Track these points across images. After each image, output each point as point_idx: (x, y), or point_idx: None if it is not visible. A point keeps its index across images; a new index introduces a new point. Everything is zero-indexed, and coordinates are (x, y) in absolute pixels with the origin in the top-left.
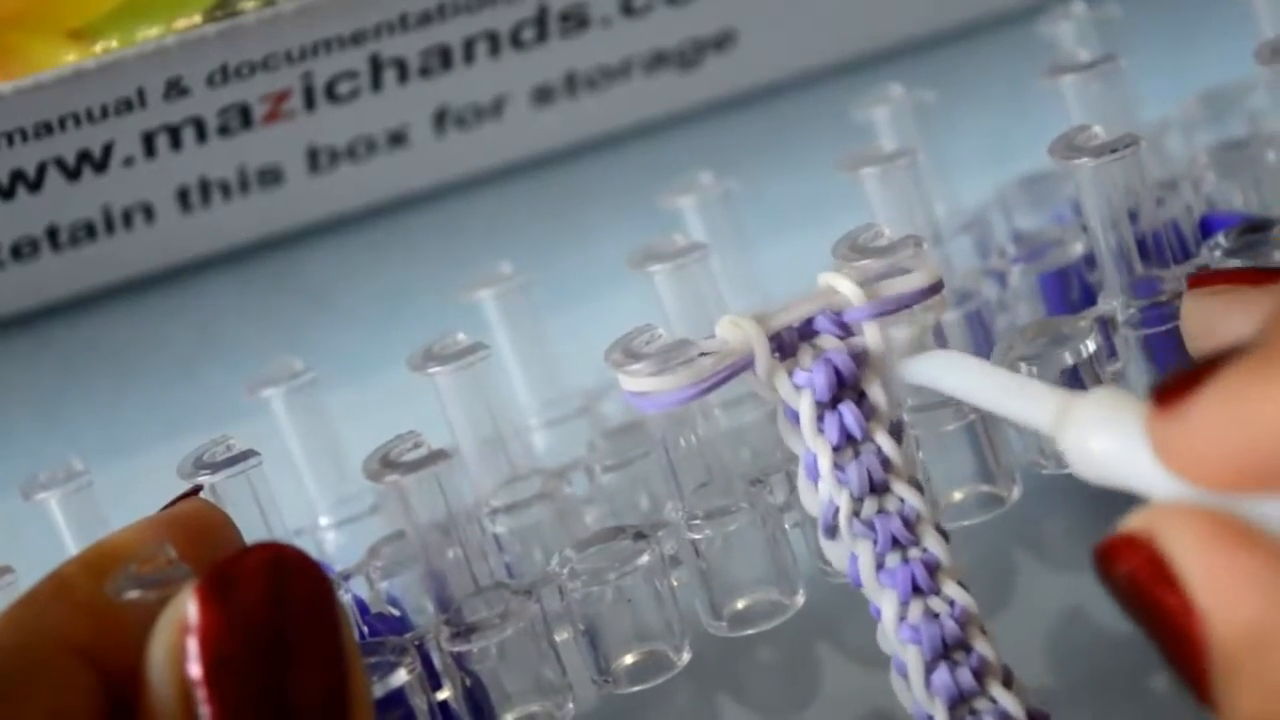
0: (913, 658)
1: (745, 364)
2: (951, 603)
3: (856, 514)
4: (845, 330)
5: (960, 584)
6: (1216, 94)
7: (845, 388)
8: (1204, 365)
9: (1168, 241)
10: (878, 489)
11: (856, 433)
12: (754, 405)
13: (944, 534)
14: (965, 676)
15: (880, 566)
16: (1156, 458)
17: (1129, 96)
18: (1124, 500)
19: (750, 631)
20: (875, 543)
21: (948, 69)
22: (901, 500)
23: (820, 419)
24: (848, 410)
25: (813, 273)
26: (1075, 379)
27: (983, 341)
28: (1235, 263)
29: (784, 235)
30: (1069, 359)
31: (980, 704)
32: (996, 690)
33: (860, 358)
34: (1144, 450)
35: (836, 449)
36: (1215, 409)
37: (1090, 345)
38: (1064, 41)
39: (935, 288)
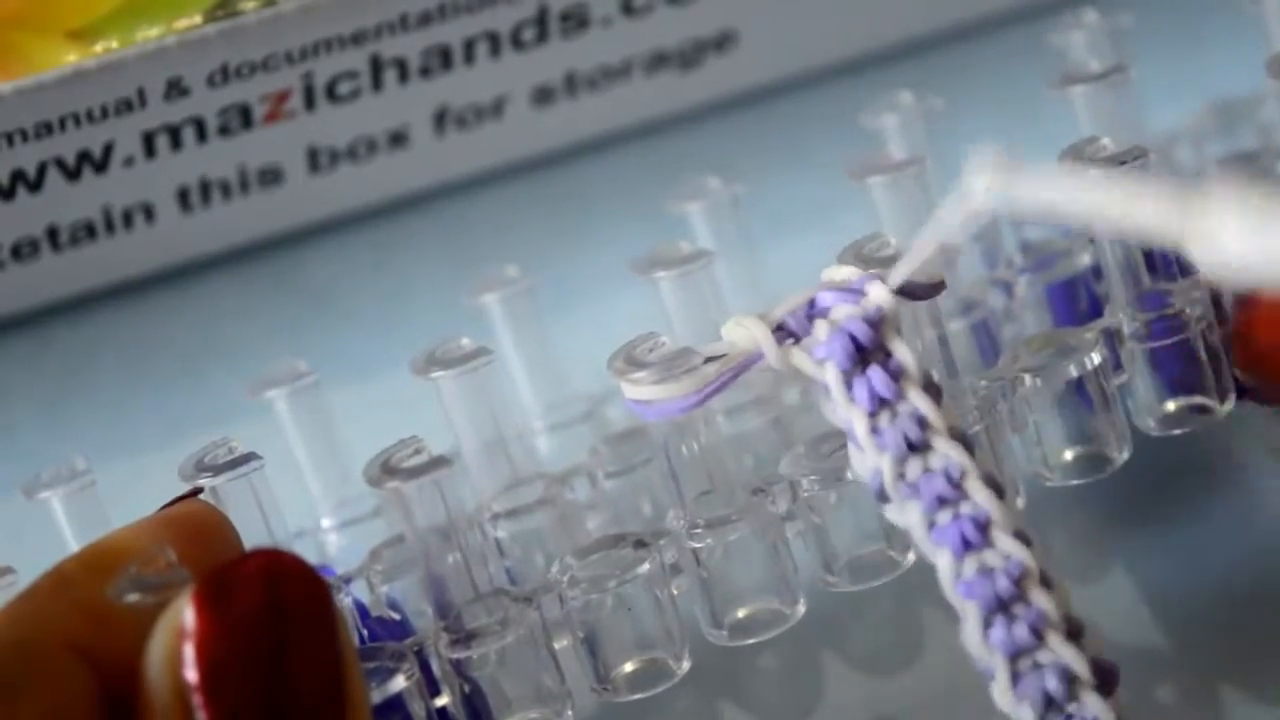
0: (970, 613)
1: (751, 361)
2: (1007, 557)
3: (901, 476)
4: (852, 299)
5: (1018, 537)
6: (1227, 105)
7: (869, 351)
8: None
9: (1175, 254)
10: (918, 448)
11: (888, 394)
12: (757, 412)
13: (996, 487)
14: (1022, 631)
15: (932, 525)
16: None
17: (1139, 107)
18: (1128, 510)
19: (750, 641)
20: (923, 503)
21: (953, 70)
22: (945, 457)
23: (850, 386)
24: (876, 374)
25: (816, 276)
26: (1081, 392)
27: (989, 351)
28: None
29: (786, 237)
30: (1074, 371)
31: (1042, 656)
32: (1057, 643)
33: (877, 320)
34: None
35: (872, 414)
36: None
37: (1095, 358)
38: (1075, 50)
39: (937, 287)
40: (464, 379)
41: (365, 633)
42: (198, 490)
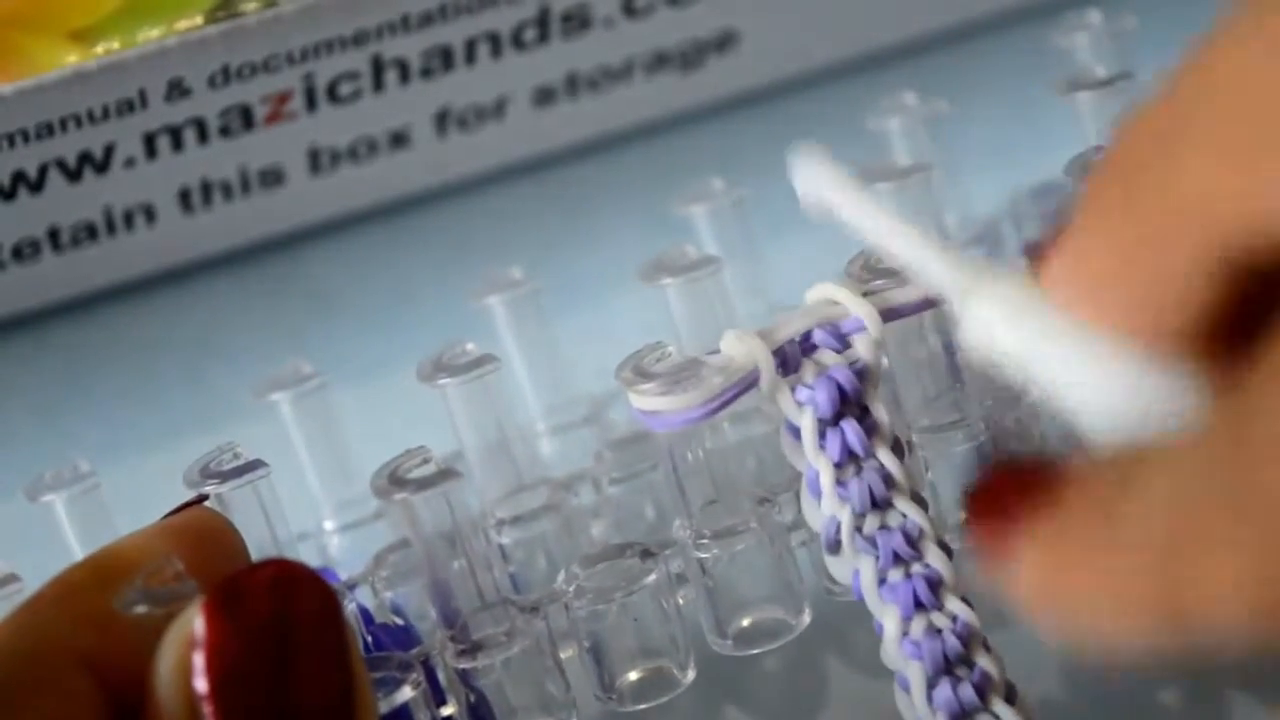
0: (915, 673)
1: (753, 380)
2: (954, 618)
3: (859, 530)
4: (844, 343)
5: (964, 599)
6: None
7: (848, 404)
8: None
9: None
10: (880, 505)
11: (859, 449)
12: (762, 420)
13: (947, 550)
14: (967, 692)
15: (882, 582)
16: (1054, 304)
17: None
18: None
19: (756, 651)
20: (877, 559)
21: (954, 70)
22: (904, 516)
23: (822, 436)
24: (849, 427)
25: (817, 277)
26: None
27: None
28: None
29: (789, 239)
30: None
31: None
32: (999, 706)
33: (863, 373)
34: (1049, 335)
35: (839, 465)
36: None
37: None
38: (1079, 51)
39: (926, 303)
40: (469, 385)
41: (369, 639)
42: (203, 497)
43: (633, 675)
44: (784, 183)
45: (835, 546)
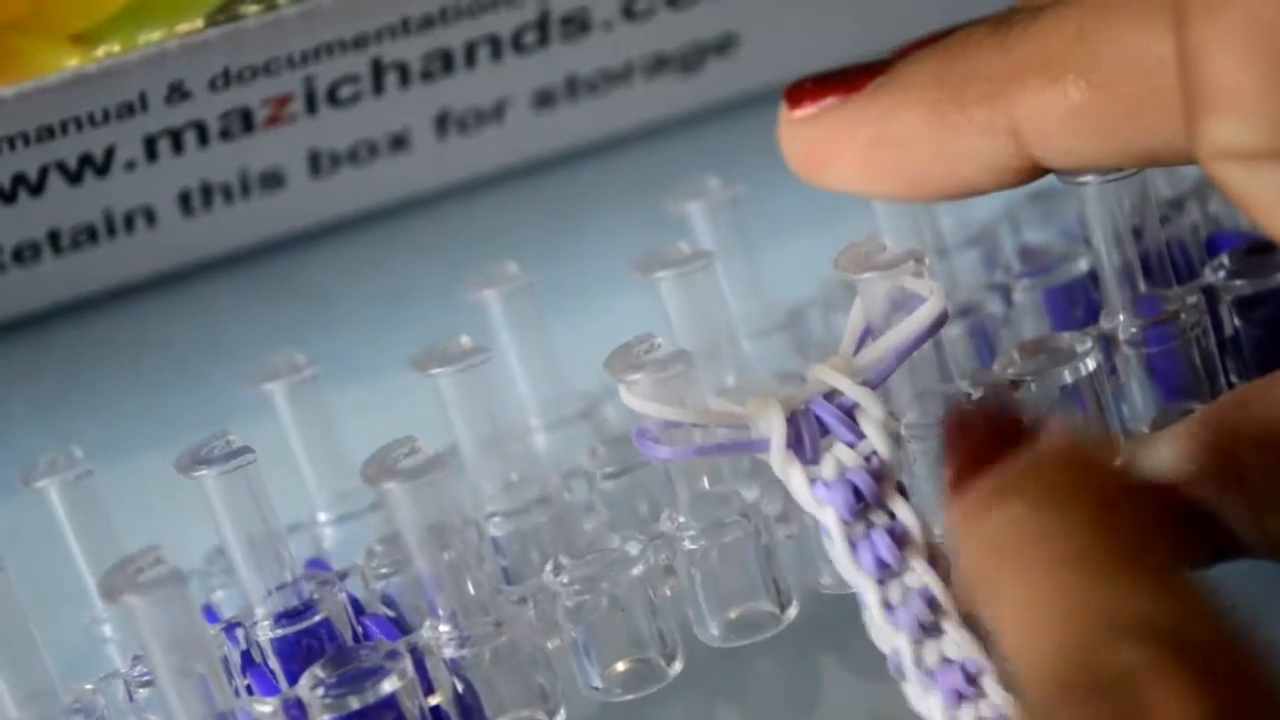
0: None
1: (760, 446)
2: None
3: (919, 662)
4: (853, 423)
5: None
6: None
7: (870, 507)
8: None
9: (1171, 260)
10: (930, 631)
11: (892, 562)
12: None
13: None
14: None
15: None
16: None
17: None
18: None
19: (743, 643)
20: (941, 695)
21: None
22: (959, 645)
23: (854, 546)
24: (879, 538)
25: (815, 278)
26: (1076, 396)
27: (986, 356)
28: (1239, 282)
29: (787, 240)
30: (1068, 377)
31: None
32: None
33: (879, 474)
34: None
35: (881, 582)
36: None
37: (1090, 363)
38: None
39: (939, 322)
40: (462, 377)
41: (360, 630)
42: None
43: (620, 666)
44: (781, 182)
45: (901, 673)
